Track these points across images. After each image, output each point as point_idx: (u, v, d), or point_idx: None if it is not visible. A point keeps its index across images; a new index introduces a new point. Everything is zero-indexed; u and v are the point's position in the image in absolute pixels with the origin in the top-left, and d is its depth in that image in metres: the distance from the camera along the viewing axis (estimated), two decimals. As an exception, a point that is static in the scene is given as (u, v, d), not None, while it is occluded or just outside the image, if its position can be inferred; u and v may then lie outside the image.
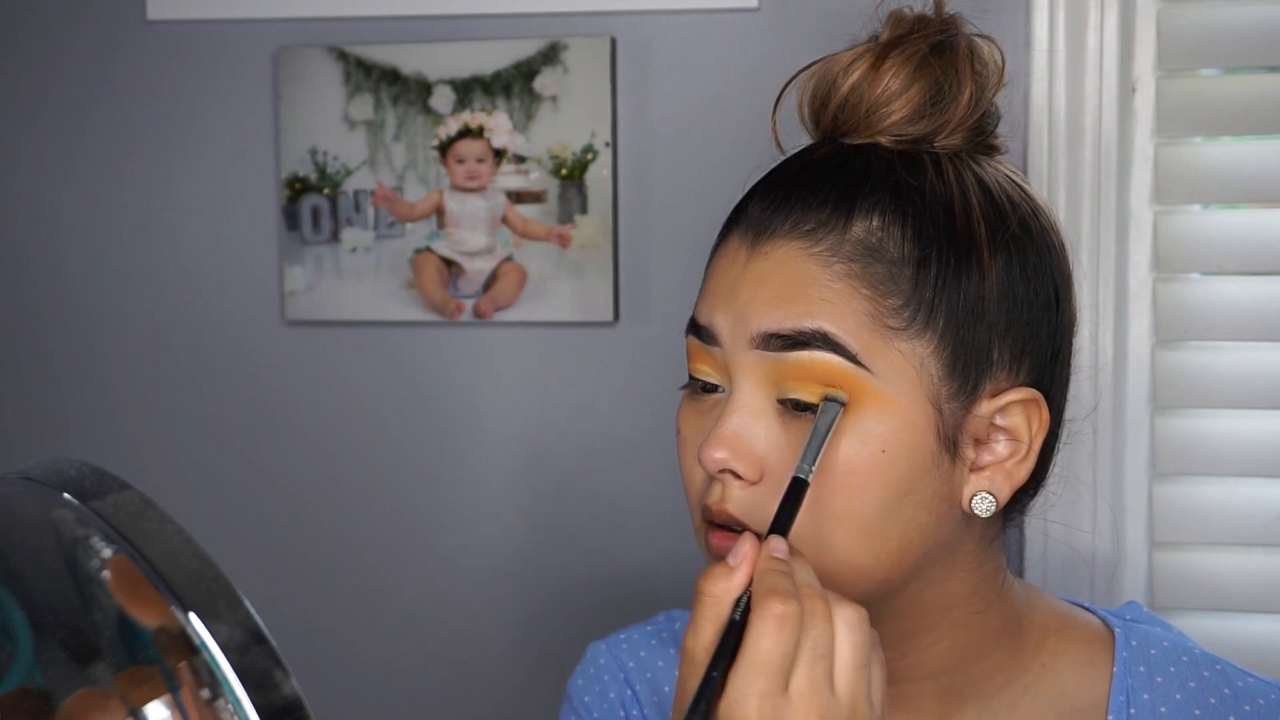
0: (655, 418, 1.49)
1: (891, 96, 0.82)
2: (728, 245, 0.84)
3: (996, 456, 0.81)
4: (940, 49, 0.83)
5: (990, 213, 0.81)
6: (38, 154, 1.60)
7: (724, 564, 0.72)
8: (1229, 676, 0.89)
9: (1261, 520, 1.39)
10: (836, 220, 0.79)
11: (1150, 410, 1.42)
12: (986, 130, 0.86)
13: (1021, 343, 0.81)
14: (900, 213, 0.80)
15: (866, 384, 0.77)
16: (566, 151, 1.48)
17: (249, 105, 1.55)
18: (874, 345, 0.78)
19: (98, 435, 1.61)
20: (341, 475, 1.57)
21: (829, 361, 0.77)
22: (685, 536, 1.50)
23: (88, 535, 0.50)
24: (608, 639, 1.01)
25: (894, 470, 0.78)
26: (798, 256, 0.79)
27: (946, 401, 0.79)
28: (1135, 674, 0.88)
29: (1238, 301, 1.39)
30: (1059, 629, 0.90)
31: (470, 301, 1.51)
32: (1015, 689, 0.87)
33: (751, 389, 0.80)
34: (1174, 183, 1.39)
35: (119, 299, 1.59)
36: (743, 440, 0.79)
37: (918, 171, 0.81)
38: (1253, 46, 1.37)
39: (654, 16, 1.47)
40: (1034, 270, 0.82)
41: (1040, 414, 0.81)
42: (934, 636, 0.85)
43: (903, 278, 0.78)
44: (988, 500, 0.81)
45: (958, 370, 0.79)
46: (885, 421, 0.78)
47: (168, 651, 0.48)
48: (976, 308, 0.79)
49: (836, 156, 0.83)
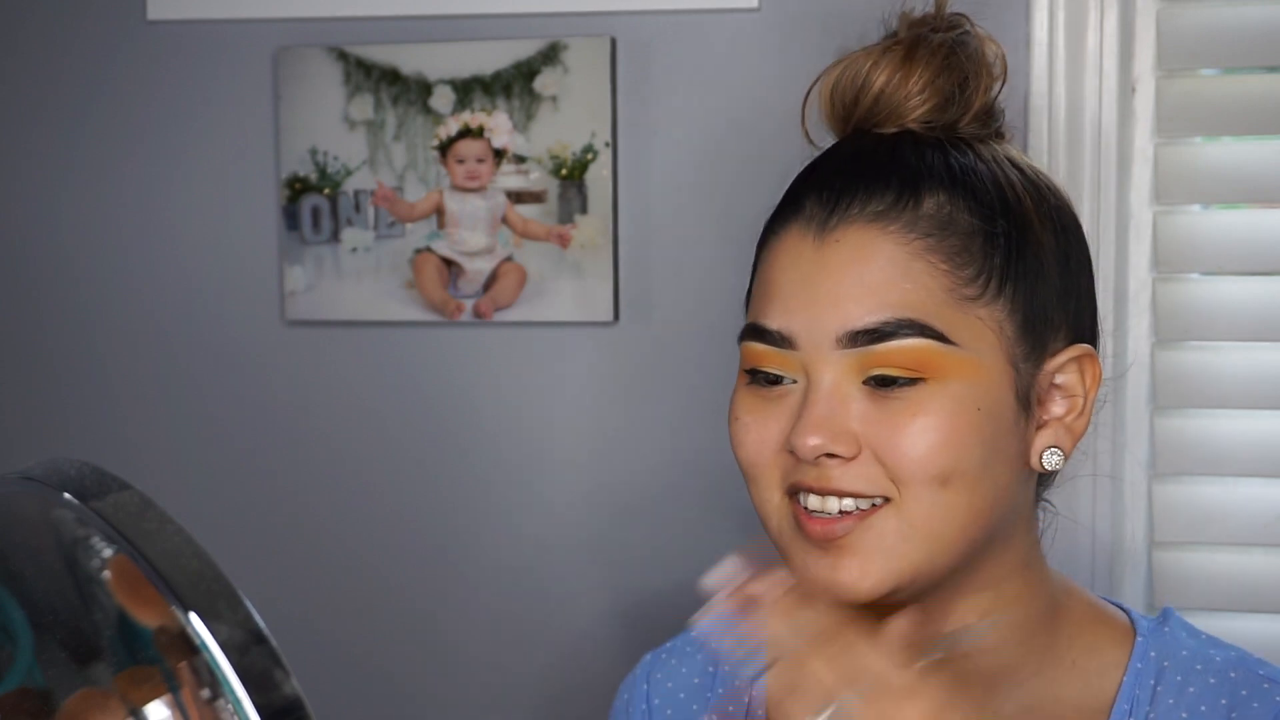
0: (655, 417, 1.49)
1: (925, 86, 0.85)
2: (785, 241, 0.84)
3: (1056, 414, 0.85)
4: (961, 41, 0.87)
5: (1029, 187, 0.86)
6: (38, 154, 1.60)
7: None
8: (1247, 681, 0.86)
9: (1262, 520, 1.39)
10: (905, 199, 0.82)
11: (1150, 410, 1.42)
12: (998, 119, 0.89)
13: (1073, 304, 0.85)
14: (961, 189, 0.83)
15: (955, 356, 0.80)
16: (566, 151, 1.48)
17: (249, 105, 1.55)
18: (955, 318, 0.80)
19: (98, 435, 1.61)
20: (341, 475, 1.57)
21: (917, 345, 0.80)
22: (686, 536, 1.51)
23: (88, 535, 0.50)
24: (658, 650, 1.01)
25: (988, 426, 0.81)
26: (875, 238, 0.81)
27: (1021, 361, 0.82)
28: (1144, 686, 0.87)
29: (1238, 301, 1.39)
30: (1092, 624, 0.90)
31: (470, 301, 1.51)
32: (1042, 682, 0.87)
33: (836, 379, 0.81)
34: (1174, 183, 1.39)
35: (119, 299, 1.59)
36: (836, 421, 0.80)
37: (962, 153, 0.85)
38: (1253, 46, 1.37)
39: (654, 16, 1.47)
40: (1074, 238, 0.87)
41: (1094, 368, 0.85)
42: (1006, 600, 0.86)
43: (974, 248, 0.82)
44: (1057, 454, 0.84)
45: (1029, 331, 0.83)
46: (975, 384, 0.80)
47: (168, 651, 0.48)
48: (1039, 271, 0.83)
49: (884, 144, 0.85)
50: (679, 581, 1.49)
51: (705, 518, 1.46)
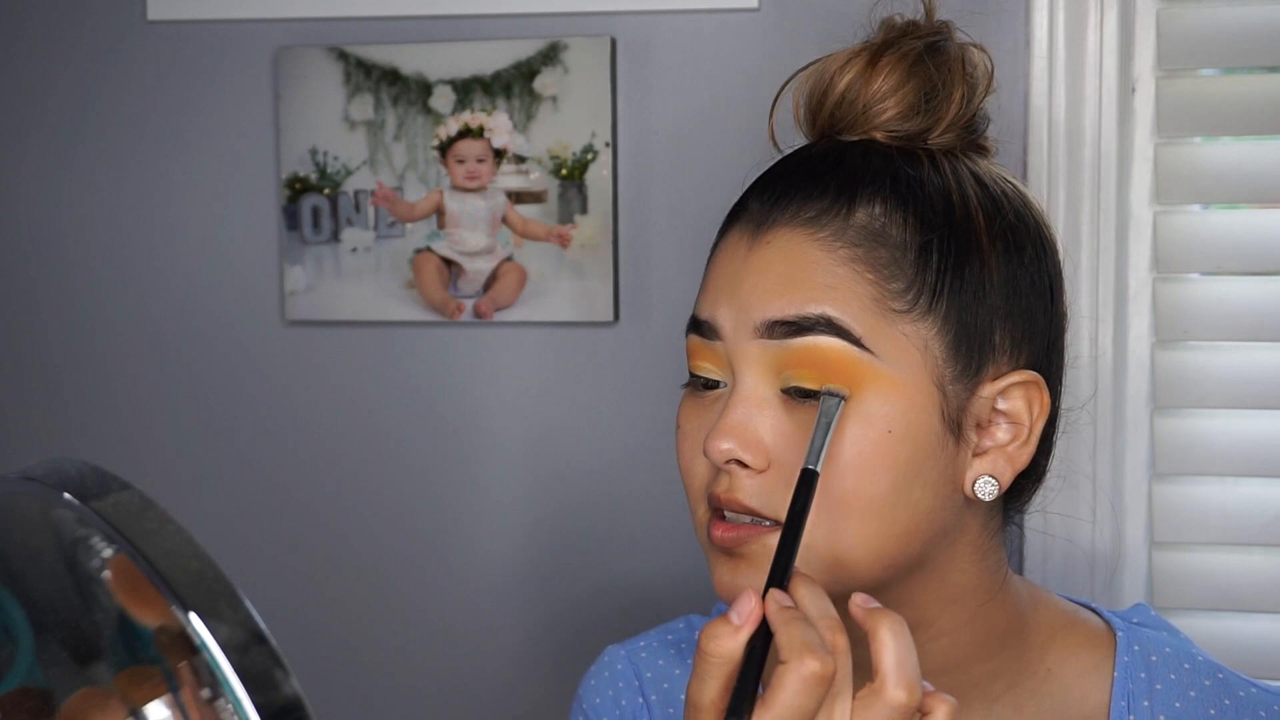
0: (655, 418, 1.49)
1: (886, 93, 0.84)
2: (727, 241, 0.85)
3: (998, 441, 0.82)
4: (933, 50, 0.85)
5: (987, 203, 0.83)
6: (38, 154, 1.60)
7: (727, 621, 0.70)
8: (1231, 686, 0.88)
9: (1261, 520, 1.39)
10: (839, 208, 0.81)
11: (1150, 410, 1.42)
12: (977, 130, 0.88)
13: (1022, 328, 0.82)
14: (901, 201, 0.81)
15: (871, 367, 0.78)
16: (566, 151, 1.48)
17: (249, 105, 1.55)
18: (878, 328, 0.79)
19: (98, 435, 1.61)
20: (341, 475, 1.57)
21: (832, 346, 0.78)
22: (687, 535, 1.51)
23: (88, 535, 0.50)
24: (626, 644, 1.01)
25: (900, 451, 0.78)
26: (802, 243, 0.80)
27: (950, 383, 0.80)
28: (1136, 679, 0.88)
29: (1238, 301, 1.39)
30: (1063, 630, 0.89)
31: (470, 301, 1.51)
32: (1020, 693, 0.87)
33: (755, 380, 0.80)
34: (1174, 183, 1.39)
35: (119, 299, 1.59)
36: (749, 430, 0.79)
37: (915, 164, 0.83)
38: (1253, 46, 1.37)
39: (654, 16, 1.47)
40: (1031, 260, 0.84)
41: (1041, 397, 0.82)
42: (934, 632, 0.85)
43: (905, 262, 0.80)
44: (991, 484, 0.81)
45: (961, 352, 0.80)
46: (890, 403, 0.78)
47: (168, 651, 0.48)
48: (979, 291, 0.81)
49: (835, 151, 0.85)
50: (680, 582, 1.49)
51: (705, 518, 1.45)
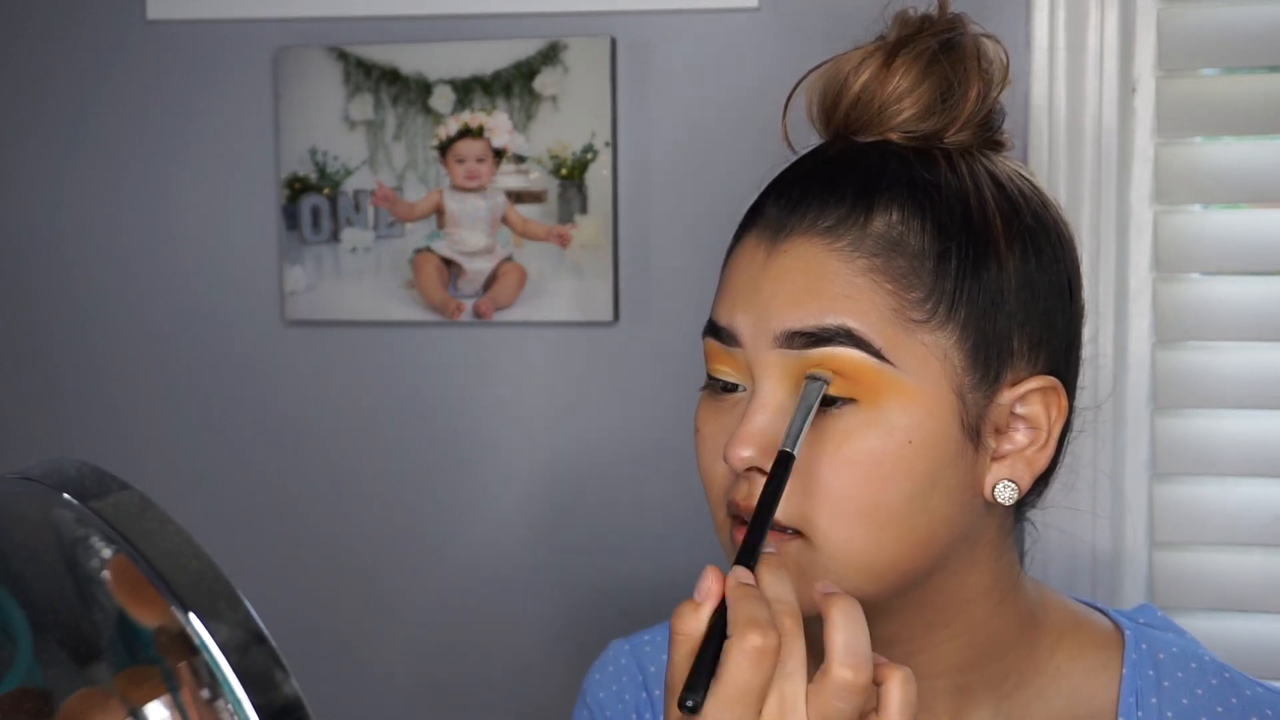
0: (655, 417, 1.49)
1: (903, 94, 0.83)
2: (744, 246, 0.84)
3: (1017, 445, 0.82)
4: (948, 47, 0.84)
5: (1004, 205, 0.82)
6: (38, 154, 1.60)
7: (691, 600, 0.71)
8: (1237, 685, 0.89)
9: (1261, 520, 1.39)
10: (856, 216, 0.80)
11: (1150, 410, 1.42)
12: (993, 126, 0.87)
13: (1039, 332, 0.82)
14: (919, 206, 0.80)
15: (890, 377, 0.78)
16: (566, 151, 1.48)
17: (249, 105, 1.55)
18: (897, 339, 0.78)
19: (98, 435, 1.61)
20: (341, 475, 1.57)
21: (852, 357, 0.78)
22: (687, 536, 1.51)
23: (88, 535, 0.50)
24: (631, 638, 1.01)
25: (920, 461, 0.78)
26: (819, 253, 0.80)
27: (970, 391, 0.80)
28: (1144, 677, 0.88)
29: (1238, 301, 1.39)
30: (1072, 630, 0.90)
31: (470, 301, 1.51)
32: (1029, 691, 0.87)
33: (774, 387, 0.80)
34: (1174, 183, 1.39)
35: (119, 299, 1.59)
36: (768, 437, 0.79)
37: (932, 167, 0.82)
38: (1253, 46, 1.37)
39: (654, 16, 1.47)
40: (1049, 261, 0.83)
41: (1059, 401, 0.82)
42: (951, 631, 0.85)
43: (924, 270, 0.79)
44: (1010, 488, 0.82)
45: (980, 360, 0.80)
46: (911, 413, 0.78)
47: (168, 651, 0.48)
48: (997, 298, 0.80)
49: (850, 154, 0.84)
50: (682, 580, 1.49)
51: (706, 517, 1.45)
